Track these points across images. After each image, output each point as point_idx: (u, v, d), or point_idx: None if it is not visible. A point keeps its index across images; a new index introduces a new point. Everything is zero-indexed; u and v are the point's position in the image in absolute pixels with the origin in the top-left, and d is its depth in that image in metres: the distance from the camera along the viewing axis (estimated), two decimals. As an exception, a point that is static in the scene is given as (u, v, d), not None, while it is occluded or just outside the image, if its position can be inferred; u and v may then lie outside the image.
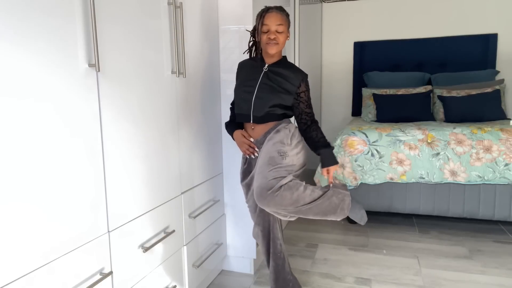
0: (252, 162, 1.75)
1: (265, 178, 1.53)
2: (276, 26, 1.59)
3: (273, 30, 1.59)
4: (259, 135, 1.69)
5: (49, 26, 1.01)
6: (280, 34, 1.60)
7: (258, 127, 1.68)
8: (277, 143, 1.60)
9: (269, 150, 1.60)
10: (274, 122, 1.68)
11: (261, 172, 1.55)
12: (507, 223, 2.88)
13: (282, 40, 1.62)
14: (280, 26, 1.59)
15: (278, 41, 1.60)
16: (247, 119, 1.69)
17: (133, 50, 1.35)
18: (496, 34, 3.79)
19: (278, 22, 1.59)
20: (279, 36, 1.60)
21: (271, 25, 1.59)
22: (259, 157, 1.64)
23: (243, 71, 1.75)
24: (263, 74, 1.67)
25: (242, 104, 1.69)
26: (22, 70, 0.94)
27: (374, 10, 4.13)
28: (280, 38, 1.61)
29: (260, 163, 1.60)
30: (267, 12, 1.60)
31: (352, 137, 2.75)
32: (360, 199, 2.82)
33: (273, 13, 1.59)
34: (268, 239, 1.80)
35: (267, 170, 1.54)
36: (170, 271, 1.64)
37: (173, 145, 1.64)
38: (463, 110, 3.38)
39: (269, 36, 1.59)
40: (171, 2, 1.56)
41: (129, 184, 1.36)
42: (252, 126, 1.69)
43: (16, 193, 0.94)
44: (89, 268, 1.18)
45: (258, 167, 1.60)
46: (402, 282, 2.08)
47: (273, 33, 1.59)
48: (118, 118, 1.29)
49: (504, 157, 2.50)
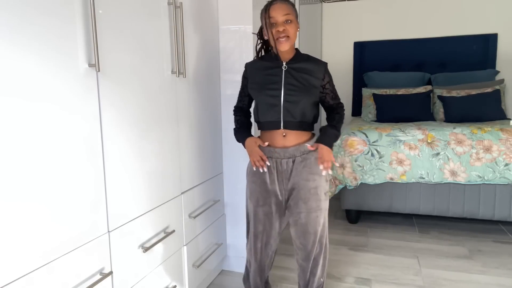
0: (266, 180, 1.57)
1: (321, 226, 1.57)
2: (283, 16, 1.44)
3: (281, 21, 1.44)
4: (292, 144, 1.53)
5: (49, 26, 1.01)
6: (289, 25, 1.45)
7: (291, 134, 1.53)
8: (322, 179, 1.55)
9: (318, 188, 1.54)
10: (308, 133, 1.57)
11: (315, 218, 1.55)
12: (507, 223, 2.88)
13: (293, 32, 1.47)
14: (288, 15, 1.44)
15: (288, 33, 1.45)
16: (276, 126, 1.53)
17: (133, 50, 1.35)
18: (496, 34, 3.79)
19: (285, 12, 1.44)
20: (289, 28, 1.45)
21: (277, 16, 1.44)
22: (303, 188, 1.53)
23: (257, 74, 1.58)
24: (285, 74, 1.52)
25: (268, 110, 1.53)
26: (22, 70, 0.94)
27: (374, 10, 4.13)
28: (290, 30, 1.45)
29: (310, 206, 1.54)
30: (271, 5, 1.46)
31: (352, 137, 2.75)
32: (360, 199, 2.82)
33: (278, 3, 1.45)
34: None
35: (321, 217, 1.56)
36: (170, 271, 1.64)
37: (173, 145, 1.64)
38: (463, 110, 3.38)
39: (278, 29, 1.44)
40: (171, 2, 1.56)
41: (129, 184, 1.36)
42: (284, 133, 1.52)
43: (16, 193, 0.94)
44: (89, 268, 1.18)
45: (307, 211, 1.54)
46: (402, 282, 2.08)
47: (282, 25, 1.44)
48: (118, 118, 1.29)
49: (504, 157, 2.50)
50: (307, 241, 1.57)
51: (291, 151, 1.53)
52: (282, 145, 1.54)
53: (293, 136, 1.54)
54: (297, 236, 1.59)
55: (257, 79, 1.58)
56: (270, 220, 1.60)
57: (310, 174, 1.53)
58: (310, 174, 1.53)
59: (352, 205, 2.86)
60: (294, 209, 1.56)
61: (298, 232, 1.58)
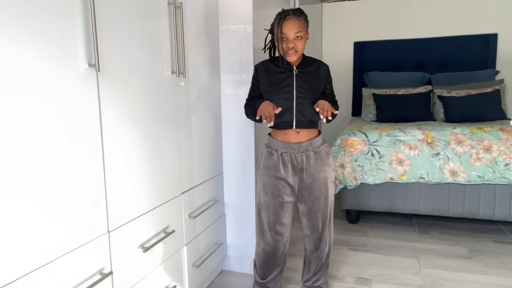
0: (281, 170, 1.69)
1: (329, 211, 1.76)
2: (294, 34, 1.55)
3: (292, 38, 1.56)
4: (305, 139, 1.67)
5: (49, 26, 1.01)
6: (299, 41, 1.57)
7: (303, 131, 1.67)
8: (331, 169, 1.74)
9: (328, 178, 1.72)
10: (316, 130, 1.72)
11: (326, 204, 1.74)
12: (507, 223, 2.88)
13: (301, 47, 1.59)
14: (299, 33, 1.56)
15: (297, 48, 1.58)
16: (289, 126, 1.65)
17: (133, 50, 1.35)
18: (496, 34, 3.79)
19: (297, 30, 1.55)
20: (298, 44, 1.57)
21: (289, 33, 1.55)
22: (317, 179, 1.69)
23: (270, 78, 1.68)
24: (296, 77, 1.64)
25: (282, 112, 1.63)
26: (22, 70, 0.94)
27: (374, 10, 4.13)
28: (299, 45, 1.58)
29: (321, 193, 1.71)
30: (285, 20, 1.55)
31: (352, 137, 2.75)
32: (360, 199, 2.82)
33: (291, 20, 1.55)
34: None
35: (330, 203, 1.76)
36: (170, 271, 1.64)
37: (173, 145, 1.64)
38: (463, 110, 3.38)
39: (288, 45, 1.56)
40: (171, 2, 1.56)
41: (129, 184, 1.36)
42: (297, 130, 1.66)
43: (16, 193, 0.94)
44: (89, 268, 1.18)
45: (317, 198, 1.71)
46: (402, 282, 2.08)
47: (292, 42, 1.56)
48: (118, 118, 1.29)
49: (504, 157, 2.50)
50: (318, 224, 1.75)
51: (305, 146, 1.67)
52: (296, 141, 1.67)
53: (305, 133, 1.68)
54: (309, 222, 1.76)
55: (270, 82, 1.68)
56: (282, 211, 1.72)
57: (322, 166, 1.69)
58: (321, 166, 1.69)
59: (352, 205, 2.86)
60: (308, 197, 1.71)
61: (311, 218, 1.75)
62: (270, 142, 1.72)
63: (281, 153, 1.68)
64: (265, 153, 1.73)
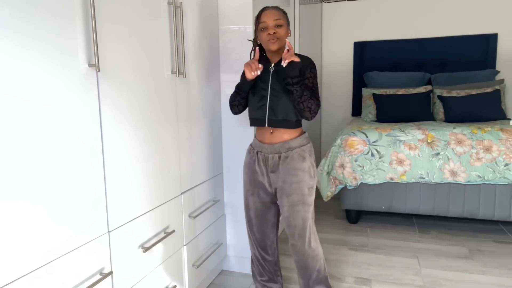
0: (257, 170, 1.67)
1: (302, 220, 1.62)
2: (273, 21, 1.55)
3: (272, 25, 1.55)
4: (278, 140, 1.62)
5: (49, 26, 1.01)
6: (280, 29, 1.55)
7: (277, 131, 1.62)
8: (306, 174, 1.60)
9: (300, 183, 1.59)
10: (296, 131, 1.64)
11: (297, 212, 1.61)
12: (507, 223, 2.88)
13: (283, 34, 1.56)
14: (278, 20, 1.55)
15: (278, 35, 1.55)
16: (262, 123, 1.63)
17: (133, 50, 1.35)
18: (496, 34, 3.79)
19: (275, 17, 1.55)
20: (279, 31, 1.55)
21: (268, 21, 1.55)
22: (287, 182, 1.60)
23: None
24: (271, 75, 1.62)
25: (257, 108, 1.63)
26: (22, 70, 0.94)
27: (374, 10, 4.13)
28: (280, 32, 1.55)
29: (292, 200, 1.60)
30: (263, 11, 1.59)
31: (352, 137, 2.75)
32: (360, 199, 2.82)
33: (269, 9, 1.57)
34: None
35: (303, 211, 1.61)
36: (170, 271, 1.64)
37: (173, 145, 1.64)
38: (463, 110, 3.38)
39: (269, 32, 1.54)
40: (171, 2, 1.56)
41: (129, 184, 1.36)
42: (271, 130, 1.63)
43: (16, 193, 0.94)
44: (89, 268, 1.18)
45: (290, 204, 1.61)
46: (402, 282, 2.08)
47: (272, 28, 1.54)
48: (118, 118, 1.29)
49: (504, 157, 2.50)
50: (292, 234, 1.66)
51: (277, 147, 1.62)
52: (269, 141, 1.65)
53: (279, 133, 1.63)
54: (288, 230, 1.68)
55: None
56: (261, 208, 1.72)
57: (294, 169, 1.60)
58: (293, 169, 1.60)
59: (352, 205, 2.86)
60: (279, 203, 1.66)
61: (284, 225, 1.68)
62: (253, 140, 1.74)
63: (256, 151, 1.68)
64: (247, 150, 1.76)
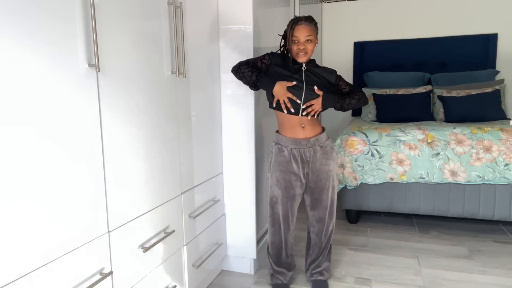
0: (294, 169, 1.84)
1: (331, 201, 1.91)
2: (305, 37, 1.71)
3: (302, 41, 1.71)
4: (312, 135, 1.82)
5: (49, 26, 1.01)
6: (309, 44, 1.72)
7: (308, 127, 1.81)
8: (334, 163, 1.89)
9: (331, 171, 1.87)
10: (320, 126, 1.87)
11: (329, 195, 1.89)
12: (507, 223, 2.88)
13: (311, 49, 1.74)
14: (309, 36, 1.71)
15: (307, 50, 1.73)
16: (295, 113, 1.77)
17: (133, 50, 1.35)
18: (496, 34, 3.79)
19: (307, 34, 1.71)
20: (308, 46, 1.72)
21: (300, 36, 1.71)
22: (322, 172, 1.84)
23: (280, 66, 1.79)
24: (305, 72, 1.78)
25: (291, 103, 1.76)
26: (22, 70, 0.94)
27: (374, 10, 4.13)
28: (309, 47, 1.73)
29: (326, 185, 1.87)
30: (297, 24, 1.71)
31: (352, 137, 2.75)
32: (360, 199, 2.82)
33: (302, 25, 1.71)
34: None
35: (332, 194, 1.90)
36: (170, 271, 1.64)
37: (173, 145, 1.64)
38: (463, 110, 3.38)
39: (299, 47, 1.72)
40: (171, 2, 1.56)
41: (129, 184, 1.36)
42: (303, 125, 1.80)
43: (16, 193, 0.94)
44: (89, 268, 1.18)
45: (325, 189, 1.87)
46: (402, 282, 2.08)
47: (302, 44, 1.71)
48: (118, 118, 1.29)
49: (504, 157, 2.50)
50: (324, 214, 1.91)
51: (312, 141, 1.82)
52: (304, 137, 1.81)
53: (310, 128, 1.82)
54: (315, 212, 1.91)
55: (277, 69, 1.78)
56: (292, 203, 1.88)
57: (327, 159, 1.85)
58: (327, 159, 1.85)
59: (352, 205, 2.86)
60: (315, 189, 1.87)
61: (317, 208, 1.90)
62: (279, 139, 1.85)
63: (291, 149, 1.82)
64: (275, 150, 1.86)
